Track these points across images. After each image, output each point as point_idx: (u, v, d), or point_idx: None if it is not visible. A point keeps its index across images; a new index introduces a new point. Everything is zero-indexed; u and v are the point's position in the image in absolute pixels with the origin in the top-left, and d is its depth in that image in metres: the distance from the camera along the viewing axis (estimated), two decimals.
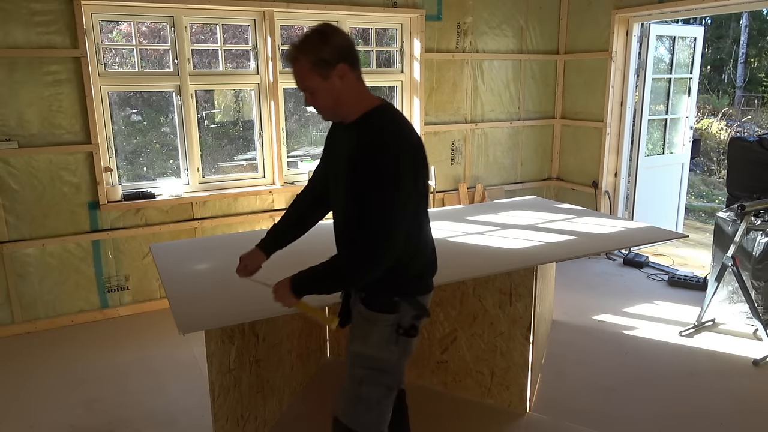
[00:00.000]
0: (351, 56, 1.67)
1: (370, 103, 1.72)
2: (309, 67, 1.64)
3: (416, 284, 1.80)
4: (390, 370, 1.80)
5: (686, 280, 4.44)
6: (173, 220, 4.10)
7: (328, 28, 1.67)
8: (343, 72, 1.65)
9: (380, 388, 1.81)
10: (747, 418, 2.78)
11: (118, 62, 4.12)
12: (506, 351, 2.78)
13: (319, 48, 1.62)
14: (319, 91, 1.67)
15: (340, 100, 1.69)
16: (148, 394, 3.03)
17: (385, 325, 1.76)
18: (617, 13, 4.83)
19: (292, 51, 1.65)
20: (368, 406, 1.81)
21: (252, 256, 2.01)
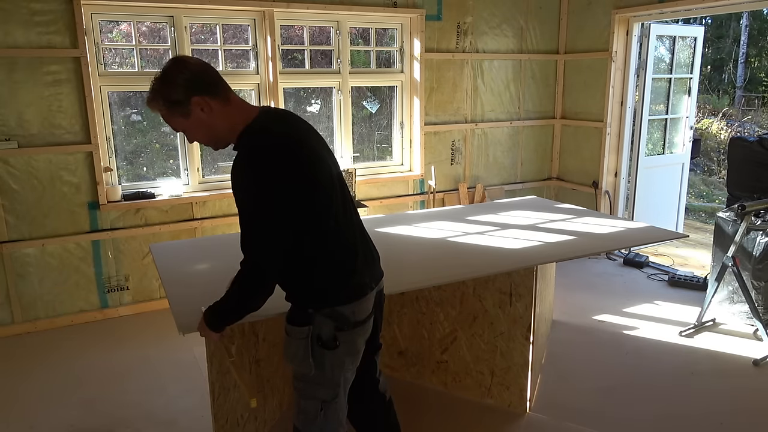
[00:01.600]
0: (203, 85, 1.60)
1: (247, 119, 1.65)
2: (166, 111, 1.62)
3: (332, 293, 1.71)
4: (319, 382, 1.74)
5: (686, 280, 4.44)
6: (173, 220, 4.10)
7: (169, 66, 1.62)
8: (202, 103, 1.60)
9: (315, 401, 1.76)
10: (747, 418, 2.77)
11: (118, 62, 4.12)
12: (506, 351, 2.78)
13: (165, 91, 1.59)
14: (189, 129, 1.65)
15: (213, 130, 1.65)
16: (148, 394, 3.03)
17: (299, 337, 1.71)
18: (617, 13, 4.83)
19: (147, 102, 1.64)
20: (307, 418, 1.78)
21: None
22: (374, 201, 4.77)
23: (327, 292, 1.71)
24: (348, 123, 4.71)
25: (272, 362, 2.64)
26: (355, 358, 1.81)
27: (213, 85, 1.62)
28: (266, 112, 1.70)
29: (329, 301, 1.70)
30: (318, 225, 1.66)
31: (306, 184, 1.62)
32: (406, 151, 5.01)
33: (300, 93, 4.78)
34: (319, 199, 1.65)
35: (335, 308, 1.70)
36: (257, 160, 1.58)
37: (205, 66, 1.64)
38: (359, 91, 4.89)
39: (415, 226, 3.18)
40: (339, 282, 1.72)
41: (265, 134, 1.63)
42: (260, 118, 1.67)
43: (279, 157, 1.58)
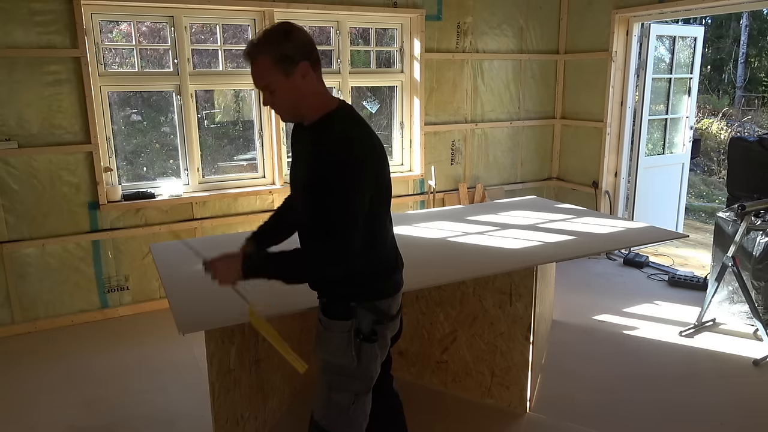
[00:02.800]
0: (313, 55, 1.63)
1: (330, 105, 1.68)
2: (271, 63, 1.59)
3: (373, 288, 1.75)
4: (355, 375, 1.77)
5: (686, 280, 4.44)
6: (173, 220, 4.10)
7: (291, 25, 1.63)
8: (306, 70, 1.61)
9: (348, 394, 1.78)
10: (747, 418, 2.77)
11: (118, 62, 4.12)
12: (506, 351, 2.78)
13: (282, 44, 1.58)
14: (281, 89, 1.62)
15: (302, 100, 1.65)
16: (149, 394, 3.03)
17: (341, 331, 1.73)
18: (617, 13, 4.83)
19: (253, 47, 1.60)
20: (339, 411, 1.79)
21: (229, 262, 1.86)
22: None
23: (370, 286, 1.75)
24: None
25: (272, 362, 2.64)
26: (385, 352, 1.85)
27: (318, 62, 1.66)
28: (348, 106, 1.75)
29: (371, 295, 1.74)
30: (374, 221, 1.70)
31: (381, 179, 1.68)
32: (406, 151, 5.01)
33: None
34: (380, 195, 1.70)
35: (375, 302, 1.75)
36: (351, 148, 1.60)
37: (314, 42, 1.67)
38: (359, 91, 4.89)
39: (415, 226, 3.18)
40: (381, 277, 1.77)
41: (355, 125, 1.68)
42: (346, 108, 1.71)
43: (365, 149, 1.64)
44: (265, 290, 1.78)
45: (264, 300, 1.86)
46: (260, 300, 1.86)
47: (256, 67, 1.62)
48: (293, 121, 1.75)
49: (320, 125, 1.66)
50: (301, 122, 1.74)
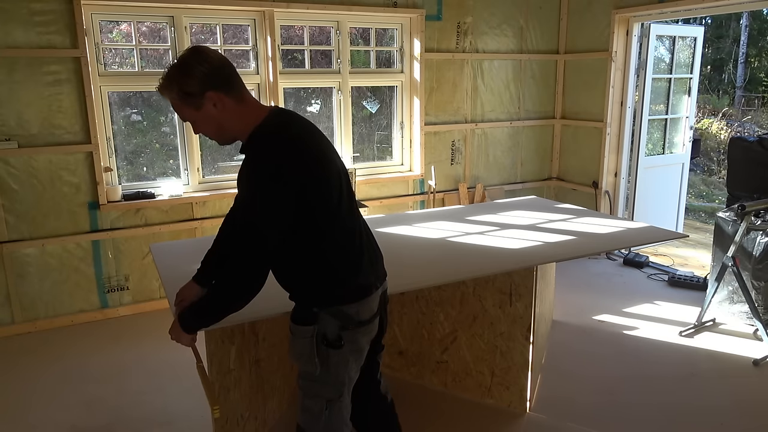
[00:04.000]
0: (220, 80, 1.58)
1: (257, 119, 1.64)
2: (178, 101, 1.59)
3: (337, 292, 1.70)
4: (322, 381, 1.73)
5: (686, 280, 4.44)
6: (173, 220, 4.10)
7: (190, 54, 1.59)
8: (215, 99, 1.58)
9: (318, 399, 1.75)
10: (747, 418, 2.77)
11: (118, 62, 4.12)
12: (506, 351, 2.78)
13: (181, 81, 1.56)
14: (198, 121, 1.63)
15: (222, 126, 1.64)
16: (148, 394, 3.03)
17: (303, 336, 1.70)
18: (617, 13, 4.83)
19: (159, 87, 1.60)
20: (312, 416, 1.78)
21: (188, 289, 1.91)
22: (374, 201, 4.77)
23: (332, 291, 1.70)
24: (348, 123, 4.71)
25: (272, 362, 2.64)
26: (359, 358, 1.80)
27: (229, 82, 1.61)
28: (276, 113, 1.69)
29: (334, 301, 1.70)
30: (324, 224, 1.66)
31: (314, 184, 1.61)
32: (406, 151, 5.01)
33: (300, 93, 4.78)
34: (326, 198, 1.65)
35: (340, 307, 1.70)
36: (266, 160, 1.57)
37: (223, 61, 1.62)
38: (359, 91, 4.89)
39: (415, 226, 3.18)
40: (344, 281, 1.71)
41: (275, 135, 1.62)
42: (270, 119, 1.66)
43: (288, 157, 1.58)
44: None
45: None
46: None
47: (171, 103, 1.63)
48: (228, 143, 1.73)
49: (246, 145, 1.65)
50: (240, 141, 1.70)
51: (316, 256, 1.67)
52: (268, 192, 1.54)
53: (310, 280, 1.70)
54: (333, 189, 1.67)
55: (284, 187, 1.55)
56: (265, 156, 1.58)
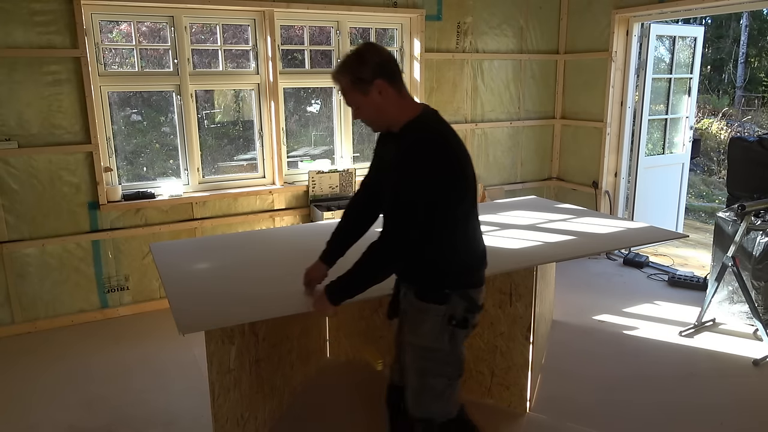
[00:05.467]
0: (388, 71, 1.79)
1: (413, 112, 1.83)
2: (349, 86, 1.80)
3: (465, 278, 1.88)
4: (447, 360, 1.88)
5: (686, 280, 4.44)
6: (173, 220, 4.10)
7: (365, 47, 1.82)
8: (382, 87, 1.78)
9: (443, 378, 1.90)
10: (747, 418, 2.78)
11: (118, 62, 4.12)
12: (506, 351, 2.78)
13: (356, 68, 1.78)
14: (362, 106, 1.82)
15: (383, 113, 1.82)
16: (148, 394, 3.03)
17: (436, 315, 1.84)
18: (617, 13, 4.83)
19: (334, 73, 1.83)
20: (435, 396, 1.90)
21: (315, 269, 2.12)
22: None
23: (463, 276, 1.88)
24: (348, 123, 4.71)
25: (272, 362, 2.64)
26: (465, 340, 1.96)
27: (394, 75, 1.81)
28: (431, 111, 1.87)
29: (464, 285, 1.88)
30: (464, 214, 1.84)
31: (459, 177, 1.79)
32: None
33: (300, 93, 4.78)
34: (466, 192, 1.83)
35: (468, 291, 1.88)
36: (430, 148, 1.75)
37: (391, 56, 1.84)
38: None
39: None
40: (472, 268, 1.91)
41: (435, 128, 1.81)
42: (428, 115, 1.85)
43: (447, 149, 1.77)
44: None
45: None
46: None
47: (340, 89, 1.84)
48: (381, 130, 1.93)
49: (402, 133, 1.83)
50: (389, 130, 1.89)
51: (456, 242, 1.85)
52: (429, 177, 1.72)
53: (448, 263, 1.85)
54: (471, 185, 1.85)
55: (442, 174, 1.74)
56: (429, 145, 1.76)
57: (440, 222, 1.78)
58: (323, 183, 4.47)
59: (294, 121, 4.77)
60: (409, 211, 1.73)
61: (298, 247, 2.84)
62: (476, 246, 1.92)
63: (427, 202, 1.73)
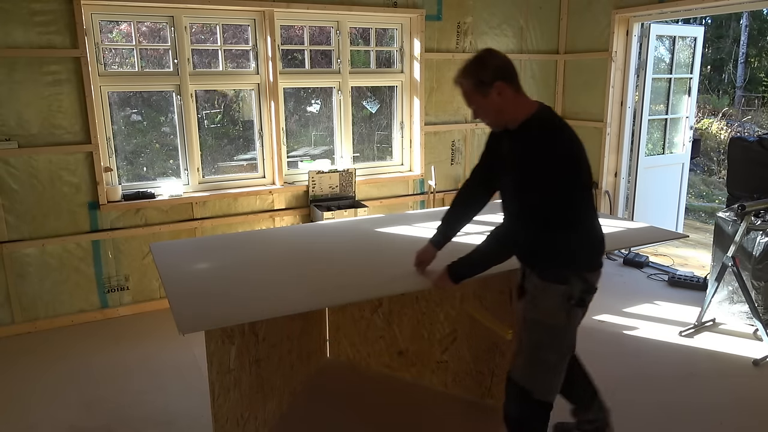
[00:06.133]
0: (507, 74, 1.96)
1: (530, 110, 1.98)
2: (471, 88, 1.99)
3: (584, 261, 2.04)
4: (563, 335, 2.05)
5: (686, 280, 4.44)
6: (173, 220, 4.10)
7: (485, 53, 2.01)
8: (501, 88, 1.95)
9: (556, 353, 2.04)
10: (747, 418, 2.78)
11: (118, 62, 4.12)
12: (506, 351, 2.77)
13: (477, 71, 1.97)
14: (483, 106, 2.00)
15: (501, 112, 1.99)
16: (148, 394, 3.03)
17: (556, 294, 2.00)
18: (617, 13, 4.83)
19: (457, 77, 2.03)
20: (545, 369, 2.05)
21: (425, 251, 2.32)
22: (374, 201, 4.77)
23: (584, 259, 2.04)
24: (348, 123, 4.71)
25: (272, 362, 2.64)
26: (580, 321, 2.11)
27: (512, 77, 1.98)
28: (547, 107, 2.03)
29: (583, 268, 2.03)
30: (583, 202, 2.01)
31: (577, 167, 1.94)
32: (406, 151, 5.01)
33: (300, 93, 4.78)
34: (584, 181, 1.98)
35: (585, 274, 2.03)
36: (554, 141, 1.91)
37: (509, 60, 2.01)
38: (359, 91, 4.89)
39: (415, 226, 3.18)
40: (592, 252, 2.06)
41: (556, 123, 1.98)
42: (545, 111, 2.00)
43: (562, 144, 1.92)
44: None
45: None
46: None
47: (462, 92, 2.04)
48: (498, 128, 2.08)
49: (519, 130, 1.98)
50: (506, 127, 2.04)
51: (576, 228, 2.01)
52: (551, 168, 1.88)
53: (571, 247, 2.01)
54: (587, 174, 2.00)
55: (563, 165, 1.90)
56: (550, 139, 1.92)
57: (562, 209, 1.94)
58: (323, 183, 4.47)
59: (294, 121, 4.78)
60: (532, 200, 1.92)
61: (298, 247, 2.85)
62: (594, 232, 2.06)
63: (549, 191, 1.90)
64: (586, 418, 2.45)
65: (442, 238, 2.33)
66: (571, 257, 2.02)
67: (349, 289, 2.29)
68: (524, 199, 1.95)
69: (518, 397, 2.08)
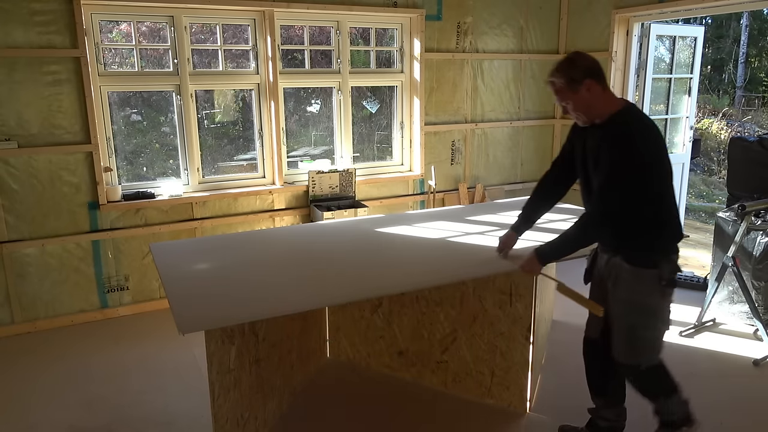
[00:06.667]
0: (595, 72, 2.16)
1: (617, 106, 2.17)
2: (563, 86, 2.17)
3: (669, 245, 2.23)
4: (659, 315, 2.24)
5: (686, 280, 4.44)
6: (173, 220, 4.10)
7: (575, 55, 2.23)
8: (590, 85, 2.14)
9: (655, 331, 2.25)
10: (747, 418, 2.77)
11: (117, 62, 4.12)
12: (506, 351, 2.78)
13: (569, 70, 2.16)
14: (573, 103, 2.18)
15: (590, 107, 2.18)
16: (148, 394, 3.03)
17: (649, 278, 2.18)
18: (617, 13, 4.83)
19: (550, 76, 2.21)
20: (644, 345, 2.25)
21: (507, 238, 2.56)
22: (374, 201, 4.77)
23: (670, 244, 2.23)
24: (348, 123, 4.71)
25: (272, 362, 2.64)
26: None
27: (600, 75, 2.18)
28: (631, 106, 2.21)
29: (670, 252, 2.23)
30: (667, 191, 2.20)
31: (662, 159, 2.14)
32: (406, 151, 5.01)
33: (300, 93, 4.78)
34: (668, 171, 2.19)
35: (672, 257, 2.22)
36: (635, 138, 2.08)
37: (596, 60, 2.21)
38: (359, 91, 4.89)
39: (415, 226, 3.18)
40: (674, 237, 2.24)
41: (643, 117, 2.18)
42: (632, 107, 2.20)
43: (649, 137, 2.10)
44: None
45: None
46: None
47: (553, 89, 2.21)
48: (587, 123, 2.24)
49: (607, 124, 2.17)
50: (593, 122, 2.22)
51: (661, 215, 2.19)
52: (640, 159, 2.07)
53: (658, 233, 2.20)
54: (670, 165, 2.19)
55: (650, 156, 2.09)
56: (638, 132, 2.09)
57: (648, 198, 2.12)
58: (323, 183, 4.47)
59: (294, 121, 4.77)
60: (621, 190, 2.09)
61: (298, 248, 2.85)
62: (676, 218, 2.24)
63: (637, 181, 2.07)
64: (606, 415, 2.54)
65: (523, 225, 2.55)
66: (659, 243, 2.20)
67: (349, 288, 2.30)
68: (613, 190, 2.10)
69: (632, 374, 2.31)
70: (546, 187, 2.60)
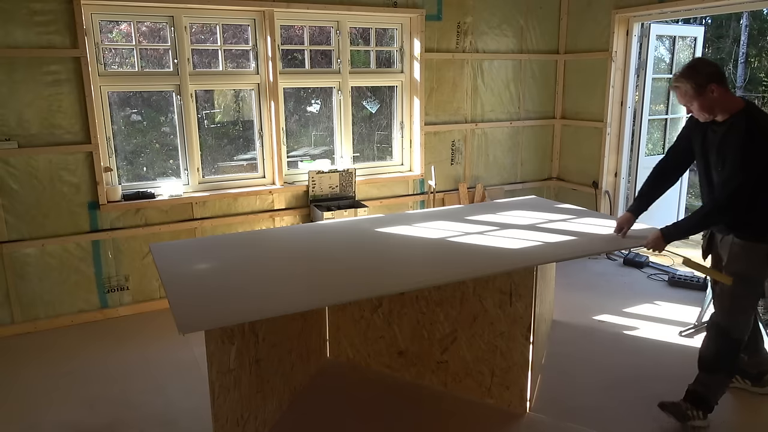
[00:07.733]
0: (718, 77, 2.42)
1: (738, 106, 2.44)
2: (690, 90, 2.44)
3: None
4: (759, 285, 2.53)
5: (686, 280, 4.44)
6: (173, 220, 4.10)
7: (698, 61, 2.51)
8: (713, 88, 2.41)
9: (751, 299, 2.59)
10: (746, 418, 2.77)
11: (117, 62, 4.12)
12: (506, 351, 2.78)
13: (694, 76, 2.42)
14: (697, 104, 2.45)
15: (713, 108, 2.45)
16: (148, 394, 3.03)
17: (760, 250, 2.46)
18: (617, 13, 4.83)
19: (676, 80, 2.48)
20: (742, 313, 2.57)
21: (624, 219, 2.91)
22: (374, 201, 4.77)
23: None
24: (348, 123, 4.71)
25: (272, 362, 2.64)
26: None
27: (722, 79, 2.44)
28: (753, 104, 2.49)
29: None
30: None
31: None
32: (406, 151, 5.01)
33: (300, 93, 4.78)
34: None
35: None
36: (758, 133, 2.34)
37: (718, 65, 2.48)
38: (359, 91, 4.89)
39: (415, 226, 3.19)
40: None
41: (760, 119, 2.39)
42: (753, 106, 2.47)
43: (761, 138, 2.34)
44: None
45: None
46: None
47: (679, 92, 2.49)
48: (708, 120, 2.50)
49: (729, 122, 2.45)
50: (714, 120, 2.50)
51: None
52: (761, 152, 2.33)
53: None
54: None
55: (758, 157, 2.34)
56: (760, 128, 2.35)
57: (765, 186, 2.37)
58: (323, 183, 4.47)
59: (294, 121, 4.77)
60: (745, 178, 2.35)
61: (298, 247, 2.85)
62: None
63: (758, 171, 2.34)
64: (755, 360, 2.91)
65: (639, 206, 2.87)
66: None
67: (349, 288, 2.30)
68: (739, 178, 2.36)
69: (719, 336, 2.60)
70: (662, 173, 2.86)
